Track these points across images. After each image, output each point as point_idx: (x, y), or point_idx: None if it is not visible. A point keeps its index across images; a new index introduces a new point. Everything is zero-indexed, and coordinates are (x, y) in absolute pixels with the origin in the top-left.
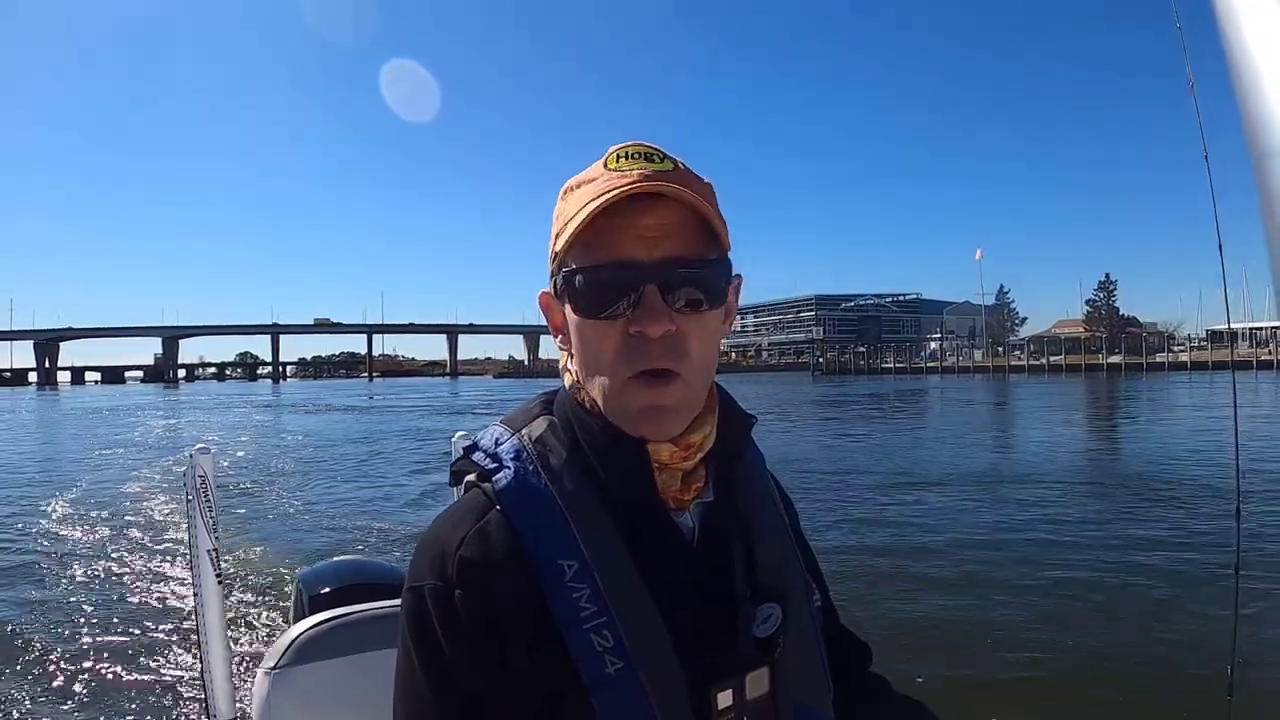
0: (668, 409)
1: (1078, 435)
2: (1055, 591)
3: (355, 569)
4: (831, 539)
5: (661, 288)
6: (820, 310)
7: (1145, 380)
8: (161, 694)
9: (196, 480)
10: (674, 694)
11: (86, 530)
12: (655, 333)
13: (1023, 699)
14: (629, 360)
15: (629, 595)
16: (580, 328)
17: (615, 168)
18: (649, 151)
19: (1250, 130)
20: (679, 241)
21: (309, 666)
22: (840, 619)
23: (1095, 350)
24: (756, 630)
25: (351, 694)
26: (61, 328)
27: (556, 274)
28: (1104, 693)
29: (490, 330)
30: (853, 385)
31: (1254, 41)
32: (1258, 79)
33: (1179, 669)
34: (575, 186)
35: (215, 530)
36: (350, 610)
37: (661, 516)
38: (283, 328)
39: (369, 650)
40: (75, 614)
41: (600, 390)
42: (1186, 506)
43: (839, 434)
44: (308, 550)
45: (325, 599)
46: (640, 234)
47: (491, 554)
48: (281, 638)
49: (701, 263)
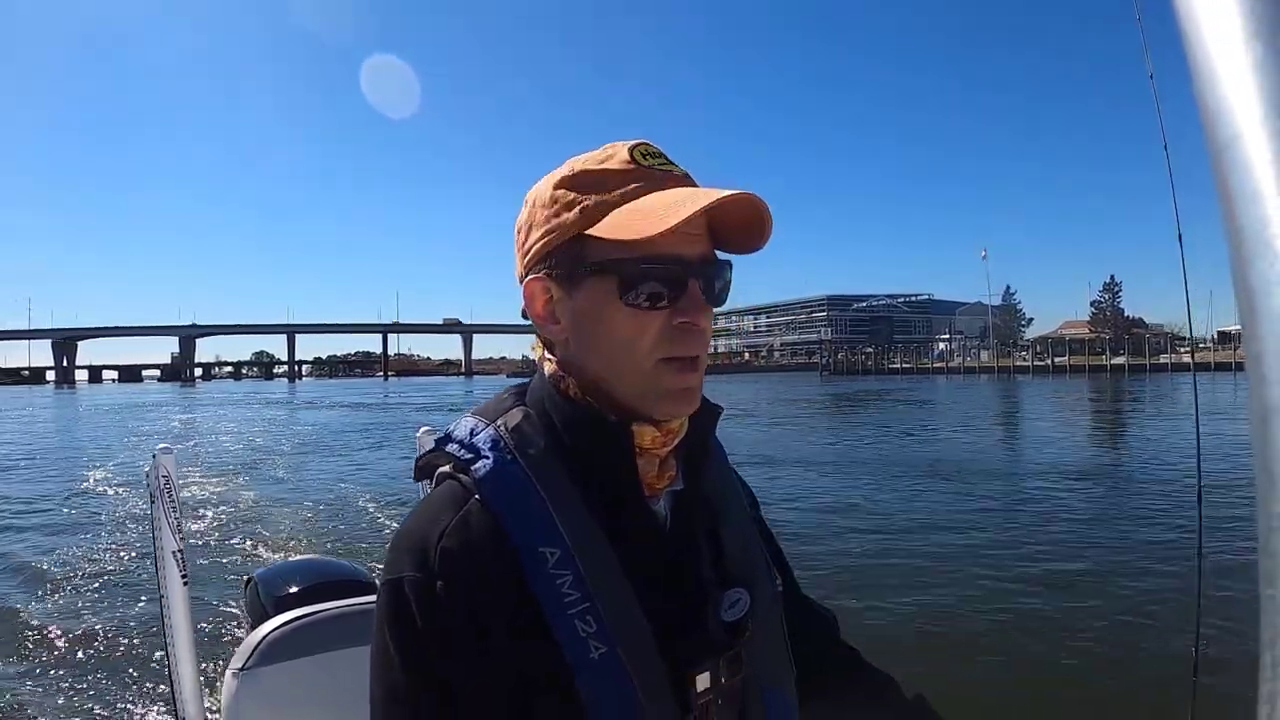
0: (695, 389)
1: (1056, 431)
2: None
3: (315, 569)
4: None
5: (700, 284)
6: (832, 310)
7: (1148, 380)
8: (128, 697)
9: (160, 480)
10: (656, 677)
11: (58, 528)
12: (703, 324)
13: (993, 684)
14: (668, 347)
15: (610, 581)
16: (611, 314)
17: (648, 165)
18: (662, 152)
19: (1208, 122)
20: (707, 243)
21: (276, 667)
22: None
23: (1099, 351)
24: (725, 615)
25: (319, 693)
26: (79, 327)
27: (572, 263)
28: (1074, 673)
29: (505, 330)
30: (857, 384)
31: (1209, 31)
32: (1213, 69)
33: (1146, 650)
34: (594, 173)
35: (180, 531)
36: (315, 610)
37: (639, 502)
38: (299, 327)
39: (337, 649)
40: (38, 616)
41: (623, 373)
42: (1151, 498)
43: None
44: (267, 548)
45: (288, 600)
46: (686, 232)
47: (474, 543)
48: (248, 639)
49: (724, 264)
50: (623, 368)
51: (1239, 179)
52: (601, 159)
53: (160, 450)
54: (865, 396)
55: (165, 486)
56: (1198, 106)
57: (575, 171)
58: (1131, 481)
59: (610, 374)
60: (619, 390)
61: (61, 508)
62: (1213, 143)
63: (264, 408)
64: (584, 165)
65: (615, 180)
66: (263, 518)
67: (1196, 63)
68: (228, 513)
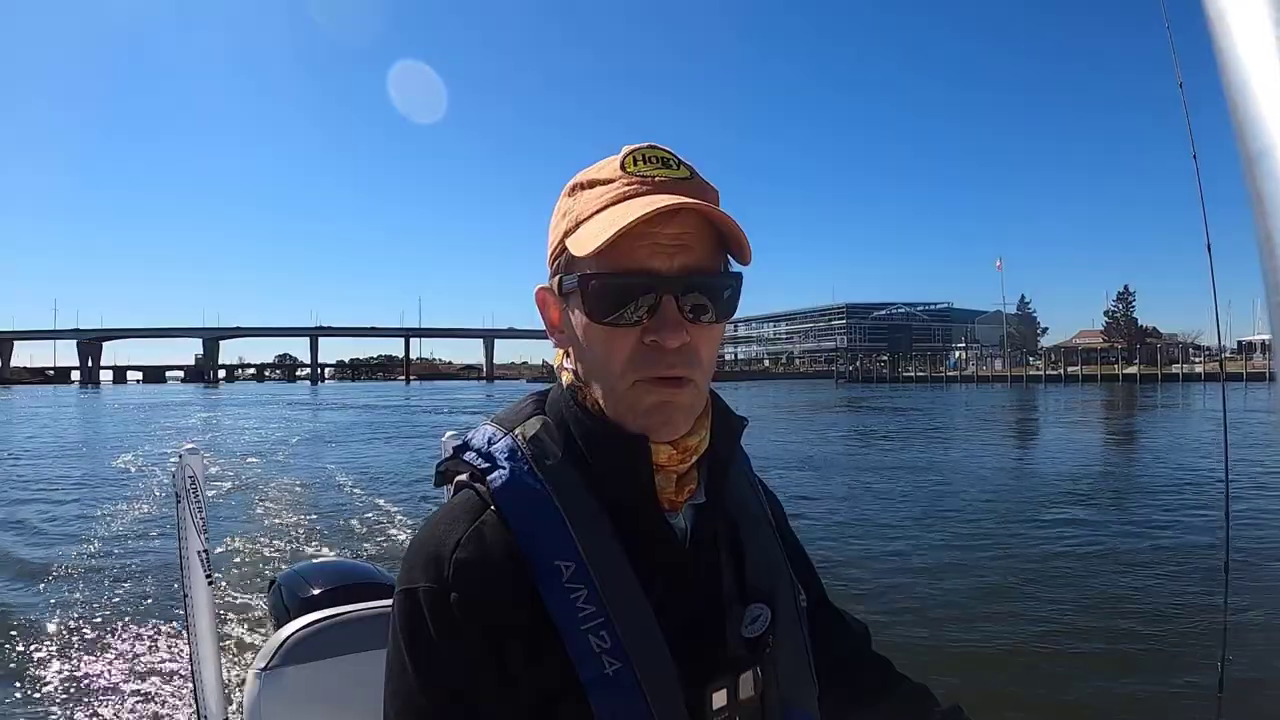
0: (677, 407)
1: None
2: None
3: (338, 571)
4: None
5: (678, 299)
6: (851, 319)
7: (1159, 389)
8: (151, 695)
9: (186, 480)
10: (670, 694)
11: (82, 526)
12: (673, 344)
13: (1019, 693)
14: (641, 367)
15: (626, 596)
16: (590, 331)
17: (634, 171)
18: (665, 156)
19: (1240, 133)
20: (696, 253)
21: (299, 668)
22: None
23: (1112, 361)
24: (746, 631)
25: (341, 695)
26: (104, 328)
27: (562, 273)
28: (1099, 685)
29: (527, 335)
30: (869, 391)
31: (1242, 38)
32: (1246, 77)
33: (1172, 663)
34: (586, 184)
35: (205, 531)
36: (339, 611)
37: (656, 517)
38: (322, 330)
39: (359, 651)
40: (64, 614)
41: (606, 391)
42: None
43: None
44: (291, 549)
45: (311, 601)
46: (660, 243)
47: (488, 555)
48: (271, 639)
49: (716, 275)
50: (606, 386)
51: (1273, 190)
52: (601, 166)
53: (187, 450)
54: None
55: (191, 486)
56: (1230, 117)
57: (576, 181)
58: (1144, 491)
59: (600, 393)
60: (611, 410)
61: (89, 501)
62: (1245, 153)
63: (285, 408)
64: (585, 175)
65: (598, 189)
66: (285, 516)
67: (1228, 73)
68: (250, 511)
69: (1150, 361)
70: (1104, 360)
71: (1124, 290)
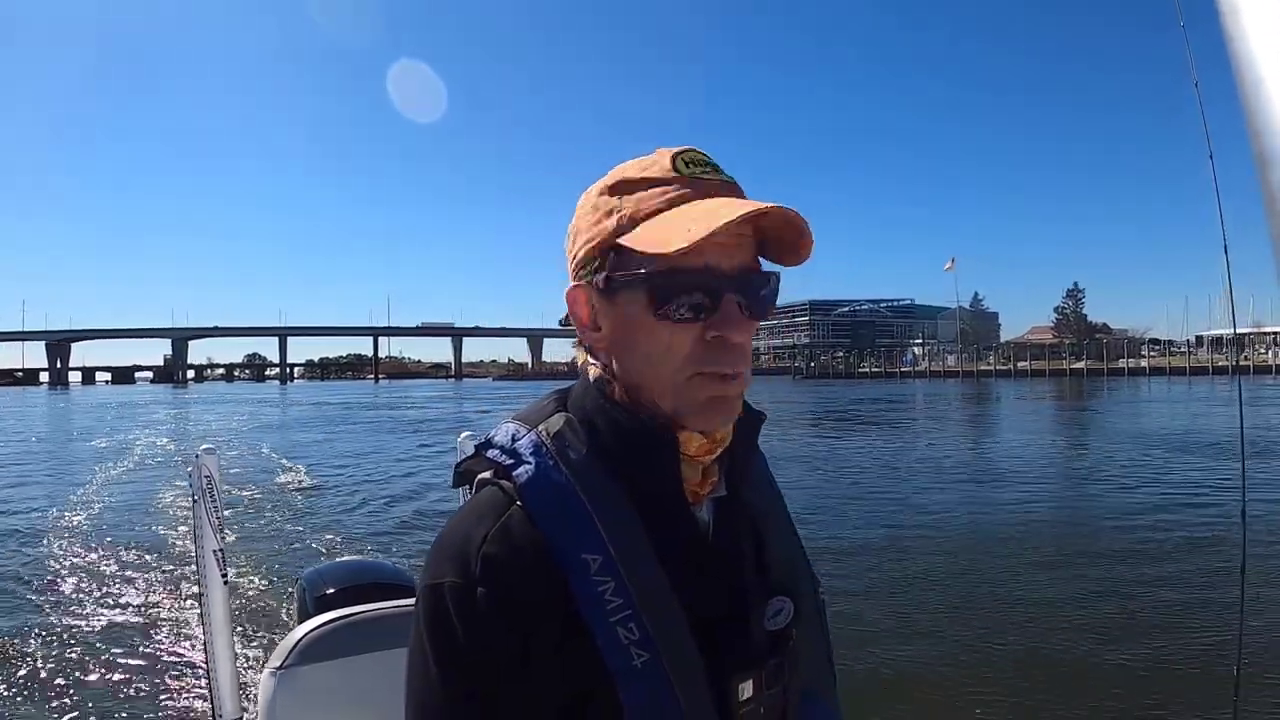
0: (733, 399)
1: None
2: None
3: (360, 569)
4: None
5: (740, 296)
6: (815, 315)
7: (1106, 382)
8: (167, 693)
9: (203, 480)
10: (698, 685)
11: (93, 526)
12: (738, 340)
13: (1030, 699)
14: (702, 362)
15: (653, 588)
16: (646, 326)
17: (689, 173)
18: (708, 160)
19: (1254, 133)
20: (748, 253)
21: (314, 667)
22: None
23: (1062, 356)
24: (769, 623)
25: (357, 694)
26: (73, 329)
27: (608, 270)
28: (1114, 692)
29: (495, 333)
30: (826, 388)
31: (1257, 40)
32: (1260, 79)
33: (1187, 669)
34: (636, 182)
35: (221, 530)
36: (356, 610)
37: (682, 509)
38: (290, 330)
39: (375, 651)
40: (80, 613)
41: (659, 384)
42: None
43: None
44: (312, 549)
45: (330, 599)
46: (721, 242)
47: (516, 549)
48: (287, 638)
49: (767, 276)
50: (658, 380)
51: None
52: (645, 166)
53: (204, 451)
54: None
55: (208, 486)
56: (1244, 118)
57: (618, 179)
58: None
59: (648, 384)
60: (658, 401)
61: (100, 498)
62: (1258, 152)
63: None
64: (627, 172)
65: (654, 188)
66: (300, 518)
67: (1243, 76)
68: (261, 511)
69: (1098, 357)
70: (1053, 356)
71: (1073, 287)
